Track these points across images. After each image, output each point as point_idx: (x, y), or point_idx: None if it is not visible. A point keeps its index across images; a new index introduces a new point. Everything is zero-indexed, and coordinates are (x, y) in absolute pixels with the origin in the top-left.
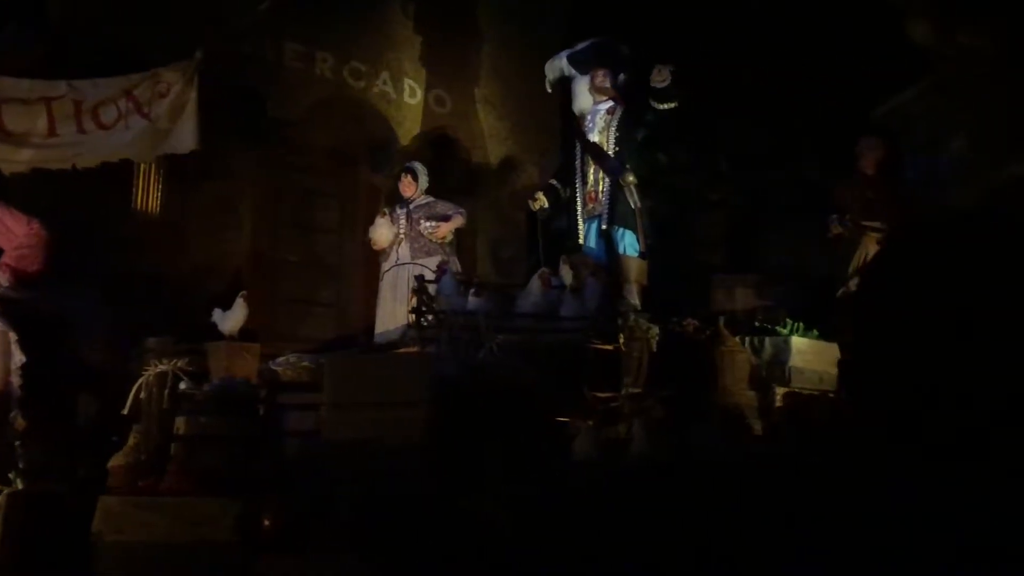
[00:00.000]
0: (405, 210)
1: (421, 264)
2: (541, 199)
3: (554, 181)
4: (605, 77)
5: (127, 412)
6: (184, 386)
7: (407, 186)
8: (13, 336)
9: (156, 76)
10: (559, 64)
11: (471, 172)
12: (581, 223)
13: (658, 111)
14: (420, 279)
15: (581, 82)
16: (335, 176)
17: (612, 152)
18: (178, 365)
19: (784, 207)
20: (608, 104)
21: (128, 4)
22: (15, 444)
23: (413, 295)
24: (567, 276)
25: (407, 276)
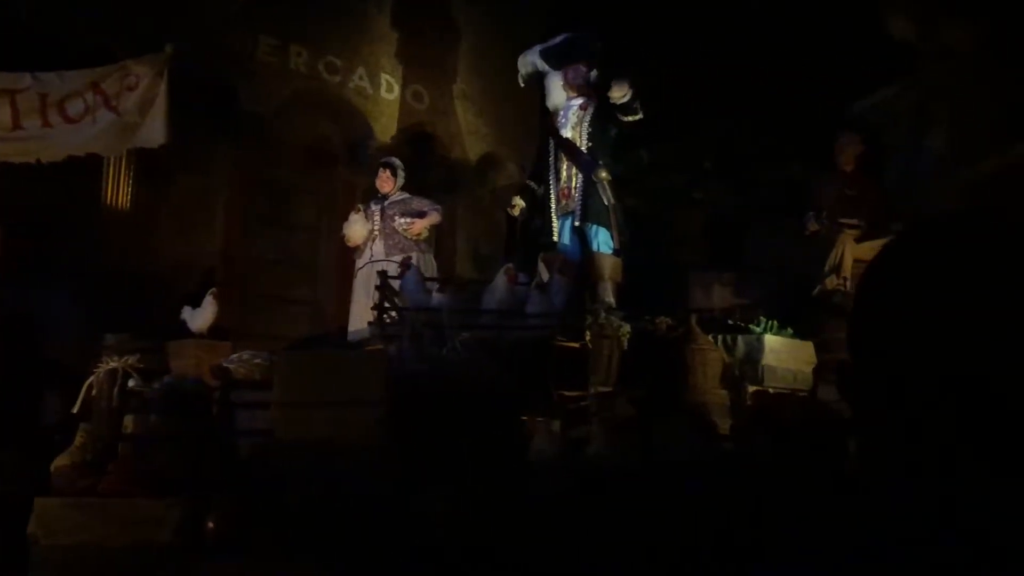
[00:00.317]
0: (380, 206)
1: (395, 261)
2: (519, 203)
3: (530, 182)
4: (578, 73)
5: (77, 411)
6: (133, 383)
7: (385, 181)
8: None
9: (125, 69)
10: (532, 59)
11: (450, 169)
12: (555, 220)
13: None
14: (383, 275)
15: (554, 77)
16: (311, 172)
17: (585, 148)
18: (129, 362)
19: (766, 205)
20: (581, 100)
21: None
22: None
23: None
24: (545, 275)
25: (392, 273)
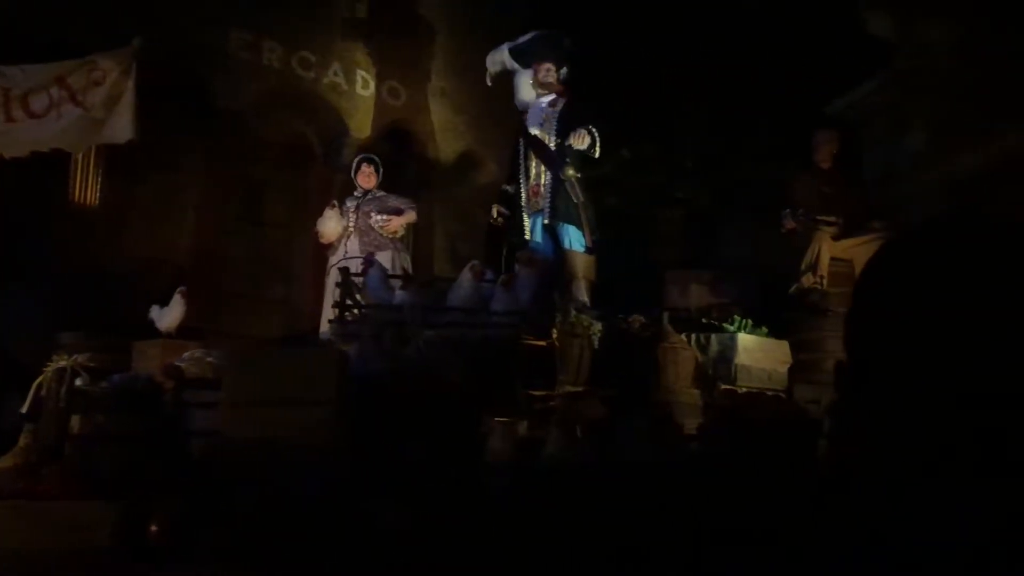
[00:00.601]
0: (356, 203)
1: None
2: (500, 211)
3: (506, 187)
4: (549, 71)
5: (27, 411)
6: (80, 382)
7: (368, 177)
8: None
9: (91, 63)
10: (500, 57)
11: (427, 167)
12: (526, 218)
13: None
14: (345, 272)
15: (524, 75)
16: (286, 169)
17: (553, 146)
18: (78, 361)
19: (744, 203)
20: (551, 97)
21: None
22: None
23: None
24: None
25: (356, 271)
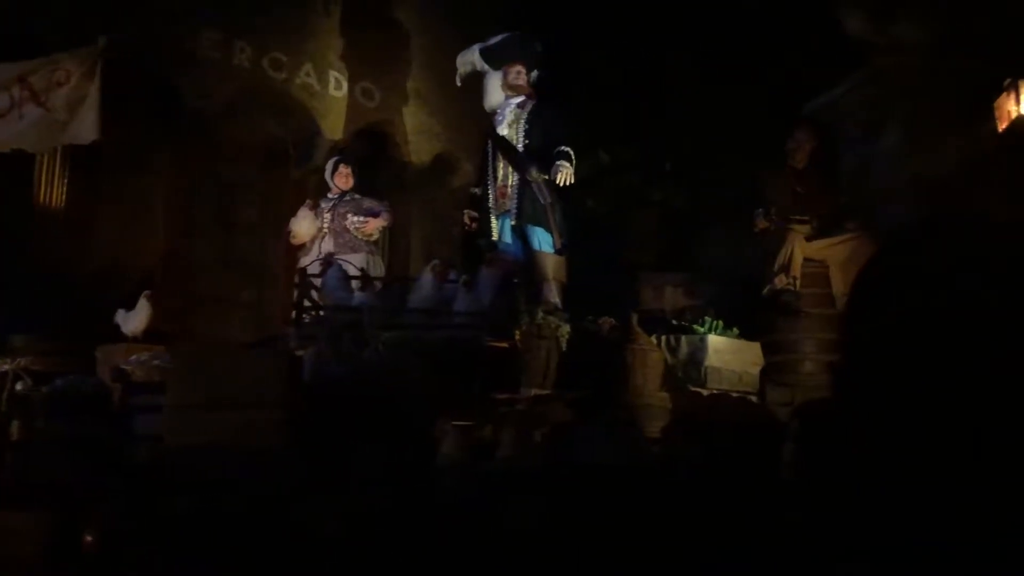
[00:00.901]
0: (331, 204)
1: (345, 260)
2: (469, 214)
3: (475, 190)
4: (519, 74)
5: None
6: (20, 387)
7: (346, 178)
8: None
9: (54, 63)
10: (471, 58)
11: (403, 168)
12: (494, 220)
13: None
14: (303, 273)
15: (493, 77)
16: (257, 171)
17: (521, 147)
18: (20, 364)
19: (720, 204)
20: (520, 99)
21: None
22: None
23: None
24: None
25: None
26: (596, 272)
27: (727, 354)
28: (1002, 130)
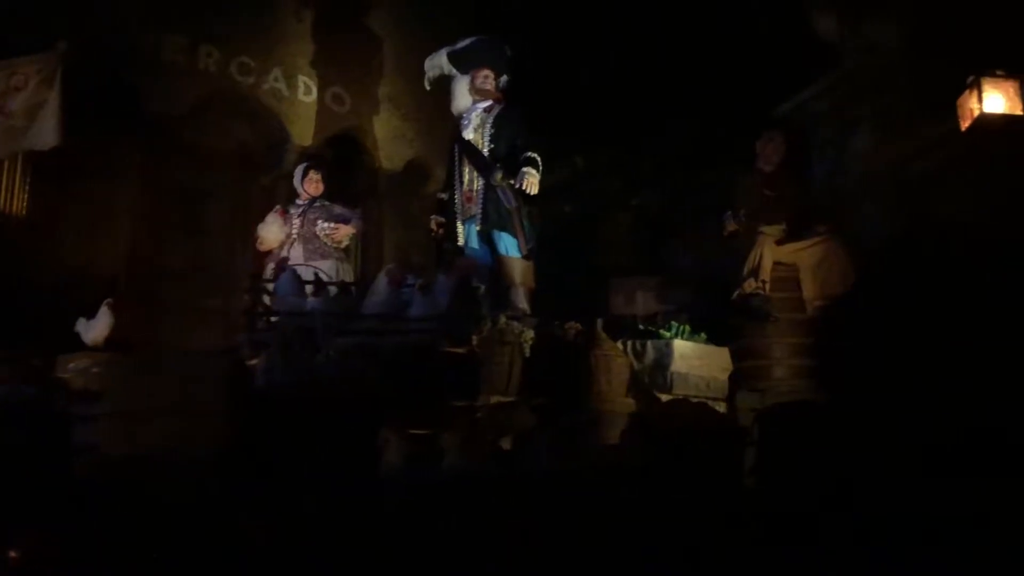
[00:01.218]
0: (300, 210)
1: (315, 267)
2: (436, 220)
3: (441, 195)
4: (487, 78)
5: None
6: None
7: (316, 184)
8: None
9: (11, 68)
10: (439, 61)
11: (375, 174)
12: (460, 226)
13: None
14: (255, 278)
15: (461, 81)
16: (225, 177)
17: (487, 151)
18: None
19: (696, 209)
20: (487, 103)
21: None
22: None
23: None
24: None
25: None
26: (570, 277)
27: (694, 359)
28: (965, 128)
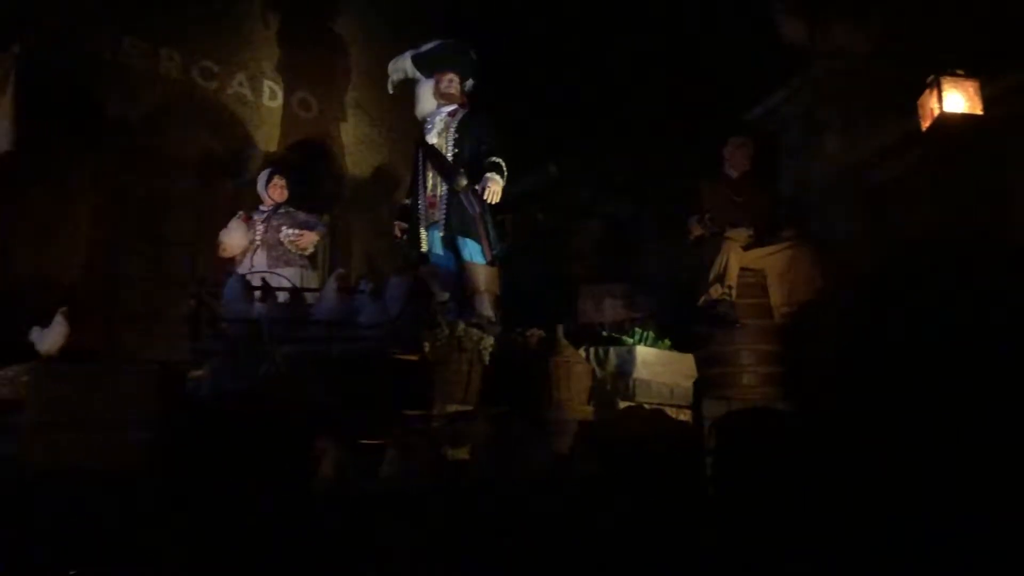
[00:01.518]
0: (264, 216)
1: (279, 274)
2: (399, 226)
3: (405, 199)
4: (451, 82)
5: None
6: None
7: (281, 190)
8: None
9: None
10: (403, 64)
11: (343, 181)
12: (423, 231)
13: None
14: (199, 284)
15: (425, 85)
16: (188, 183)
17: (451, 156)
18: None
19: (665, 215)
20: (451, 107)
21: None
22: None
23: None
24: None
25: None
26: (541, 285)
27: (657, 366)
28: (925, 128)
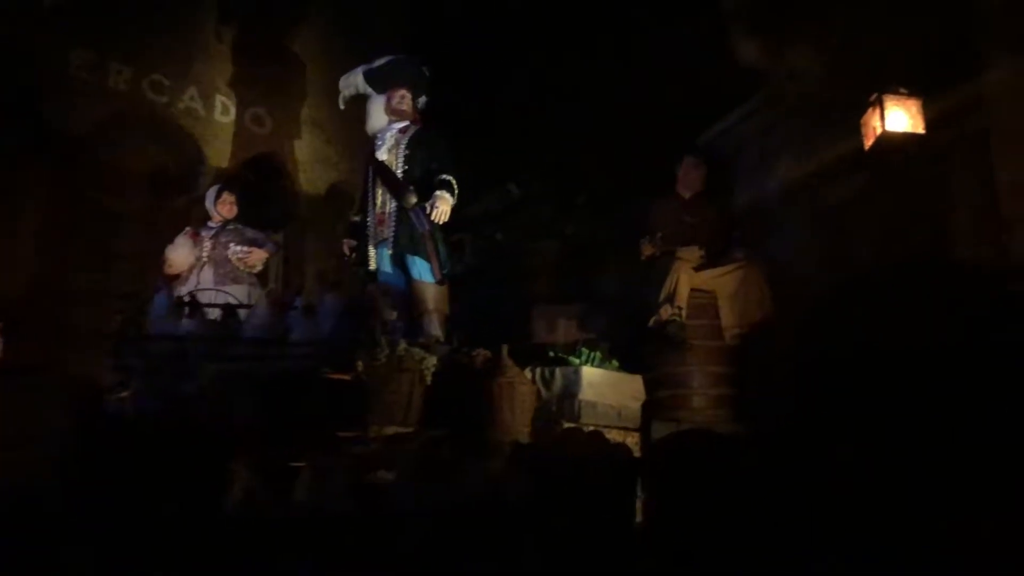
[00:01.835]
0: (212, 232)
1: (226, 292)
2: (348, 244)
3: (355, 217)
4: (403, 98)
5: None
6: None
7: (230, 206)
8: None
9: None
10: (355, 80)
11: (297, 198)
12: (372, 249)
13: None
14: (125, 298)
15: (376, 101)
16: (137, 198)
17: (400, 173)
18: None
19: (620, 236)
20: (403, 124)
21: None
22: None
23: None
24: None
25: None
26: (498, 305)
27: (604, 387)
28: (868, 147)
